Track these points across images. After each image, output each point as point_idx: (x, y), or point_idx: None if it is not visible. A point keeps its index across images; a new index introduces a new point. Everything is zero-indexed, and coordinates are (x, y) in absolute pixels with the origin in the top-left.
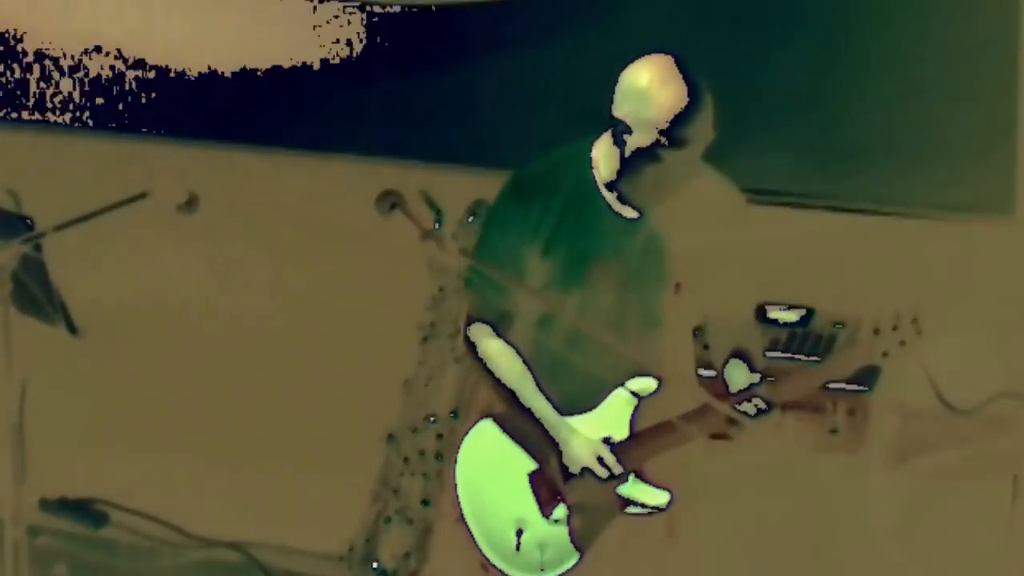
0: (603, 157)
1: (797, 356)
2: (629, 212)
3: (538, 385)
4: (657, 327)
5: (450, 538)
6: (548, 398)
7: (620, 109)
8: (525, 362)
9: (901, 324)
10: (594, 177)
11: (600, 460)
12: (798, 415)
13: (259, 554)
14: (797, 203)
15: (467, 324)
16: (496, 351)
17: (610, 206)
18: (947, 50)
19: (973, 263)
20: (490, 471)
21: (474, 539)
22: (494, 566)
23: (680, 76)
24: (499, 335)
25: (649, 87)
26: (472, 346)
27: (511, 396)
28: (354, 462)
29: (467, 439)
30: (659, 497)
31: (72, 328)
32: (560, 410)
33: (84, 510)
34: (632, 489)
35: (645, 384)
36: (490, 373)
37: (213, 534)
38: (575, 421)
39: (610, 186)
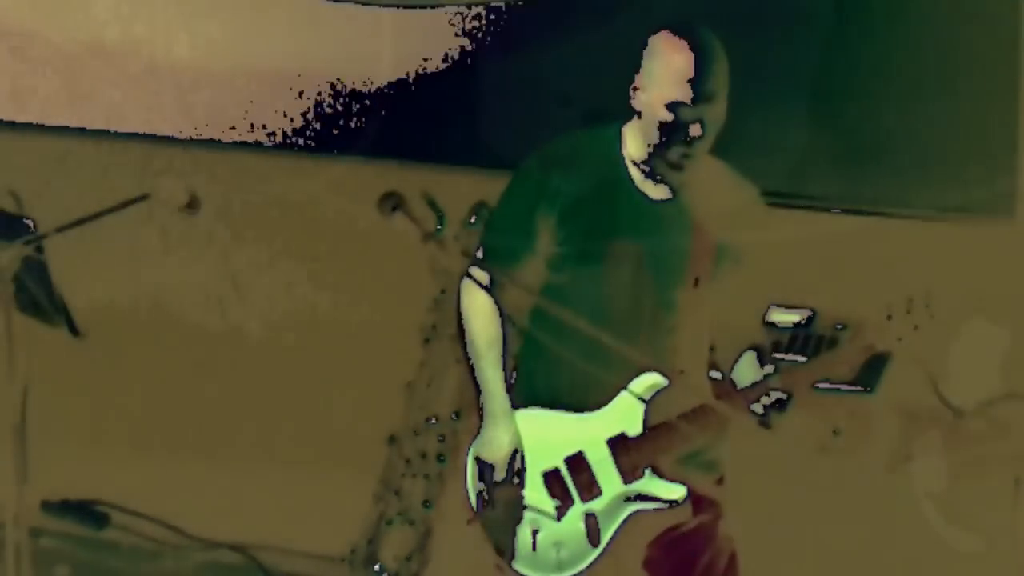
0: (632, 134)
1: (798, 358)
2: (655, 192)
3: (509, 365)
4: (671, 317)
5: (452, 539)
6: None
7: (641, 74)
8: (507, 336)
9: (914, 310)
10: (622, 153)
11: (508, 463)
12: (800, 415)
13: (261, 556)
14: (798, 204)
15: (470, 265)
16: (479, 306)
17: (636, 184)
18: (948, 51)
19: (974, 264)
20: None
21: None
22: (510, 567)
23: (689, 41)
24: (491, 292)
25: (660, 44)
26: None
27: (471, 358)
28: (356, 464)
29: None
30: (675, 491)
31: (74, 330)
32: (552, 398)
33: (86, 511)
34: (647, 484)
35: (654, 381)
36: (463, 331)
37: (215, 535)
38: (586, 417)
39: (637, 164)
